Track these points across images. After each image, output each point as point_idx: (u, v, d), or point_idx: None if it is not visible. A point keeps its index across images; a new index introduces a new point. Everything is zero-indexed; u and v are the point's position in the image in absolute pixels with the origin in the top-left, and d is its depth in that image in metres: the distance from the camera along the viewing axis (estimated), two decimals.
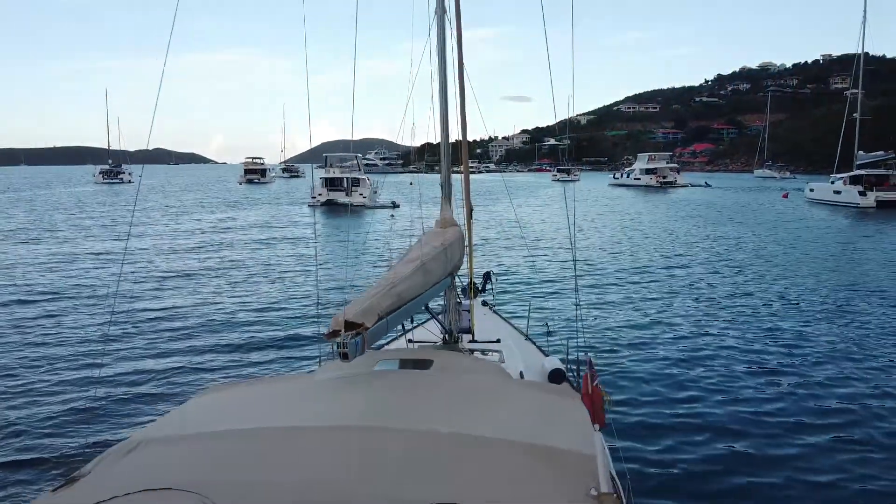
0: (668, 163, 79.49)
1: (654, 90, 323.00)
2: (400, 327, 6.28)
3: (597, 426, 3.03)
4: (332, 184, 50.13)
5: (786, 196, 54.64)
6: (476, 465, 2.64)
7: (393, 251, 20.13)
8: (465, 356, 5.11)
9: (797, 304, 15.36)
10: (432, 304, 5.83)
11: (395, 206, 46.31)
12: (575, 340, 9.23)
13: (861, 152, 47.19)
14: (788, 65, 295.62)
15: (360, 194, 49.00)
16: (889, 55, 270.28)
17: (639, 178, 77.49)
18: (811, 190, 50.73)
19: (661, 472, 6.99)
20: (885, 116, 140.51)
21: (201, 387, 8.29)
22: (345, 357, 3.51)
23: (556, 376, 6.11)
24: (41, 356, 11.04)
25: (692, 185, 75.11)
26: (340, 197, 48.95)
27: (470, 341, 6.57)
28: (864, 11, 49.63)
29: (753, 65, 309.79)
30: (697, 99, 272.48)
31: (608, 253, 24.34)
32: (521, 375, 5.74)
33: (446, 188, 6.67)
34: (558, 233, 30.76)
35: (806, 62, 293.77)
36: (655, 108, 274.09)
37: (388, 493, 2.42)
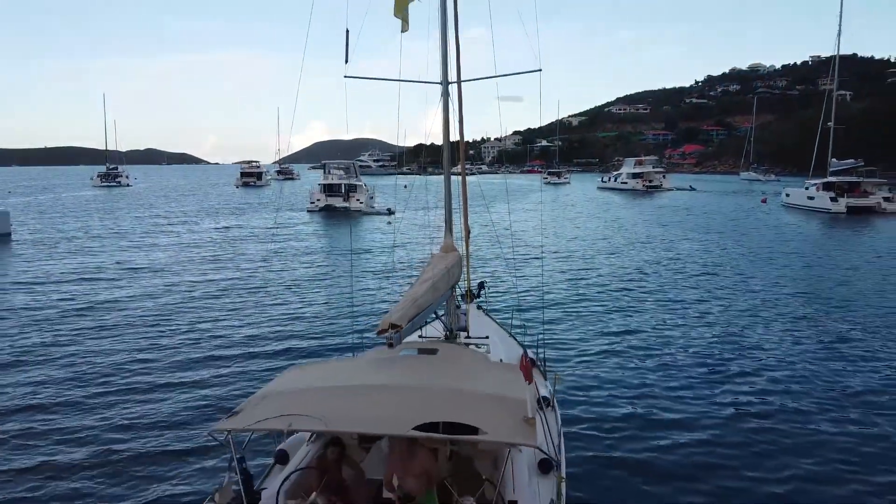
0: (654, 167, 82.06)
1: (645, 91, 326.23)
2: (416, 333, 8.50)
3: (527, 382, 5.28)
4: (330, 190, 52.24)
5: (764, 201, 57.13)
6: (463, 404, 4.86)
7: (412, 265, 22.49)
8: (461, 347, 7.33)
9: (754, 308, 17.63)
10: (440, 314, 8.10)
11: (390, 212, 48.47)
12: (543, 336, 11.47)
13: (834, 160, 49.73)
14: (778, 66, 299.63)
15: (358, 200, 51.15)
16: (878, 56, 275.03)
17: (626, 182, 79.98)
18: (787, 195, 53.22)
19: (601, 438, 9.22)
20: (871, 118, 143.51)
21: (288, 365, 10.77)
22: (391, 346, 5.75)
23: (535, 367, 8.32)
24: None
25: (677, 189, 77.73)
26: (338, 202, 51.12)
27: (466, 337, 8.76)
28: (839, 25, 52.23)
29: (743, 66, 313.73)
30: (687, 100, 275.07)
31: (586, 259, 26.62)
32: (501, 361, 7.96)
33: (448, 223, 8.89)
34: (545, 241, 33.04)
35: (795, 63, 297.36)
36: (646, 109, 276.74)
37: (415, 416, 4.62)
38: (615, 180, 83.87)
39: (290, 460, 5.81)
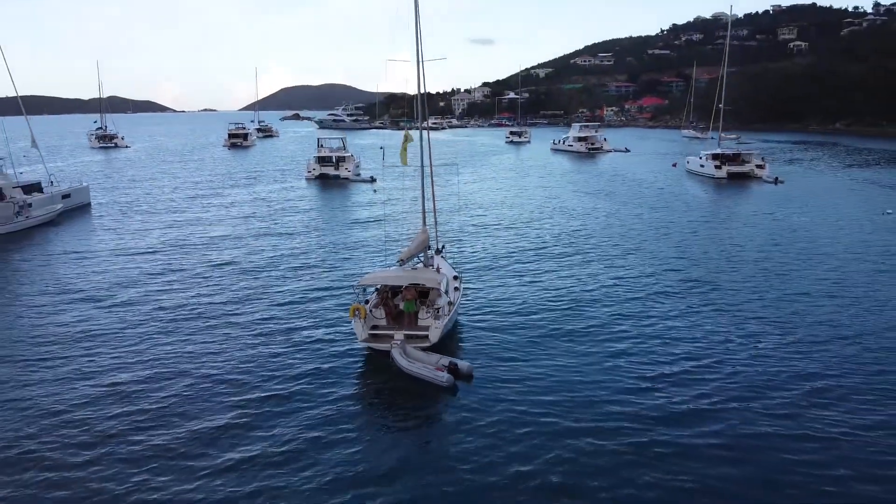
0: (596, 131, 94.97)
1: (612, 39, 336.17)
2: (412, 262, 21.31)
3: (440, 274, 18.59)
4: (323, 161, 64.25)
5: (675, 165, 70.27)
6: (422, 278, 18.18)
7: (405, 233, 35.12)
8: (428, 268, 20.41)
9: (628, 250, 30.70)
10: (421, 257, 21.09)
11: (373, 180, 60.59)
12: (463, 268, 24.37)
13: (722, 134, 63.17)
14: (740, 15, 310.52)
15: (346, 169, 63.21)
16: (836, 5, 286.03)
17: (572, 145, 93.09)
18: (687, 162, 66.44)
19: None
20: (815, 73, 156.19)
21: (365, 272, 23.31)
22: (401, 265, 18.96)
23: (455, 277, 21.36)
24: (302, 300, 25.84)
25: (615, 151, 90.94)
26: (330, 171, 63.11)
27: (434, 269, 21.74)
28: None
29: (707, 14, 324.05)
30: (650, 51, 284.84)
31: (513, 227, 39.51)
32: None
33: (423, 216, 21.60)
34: (488, 209, 45.88)
35: (757, 12, 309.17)
36: (610, 61, 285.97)
37: (410, 279, 17.95)
38: (564, 143, 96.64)
39: (369, 300, 18.77)
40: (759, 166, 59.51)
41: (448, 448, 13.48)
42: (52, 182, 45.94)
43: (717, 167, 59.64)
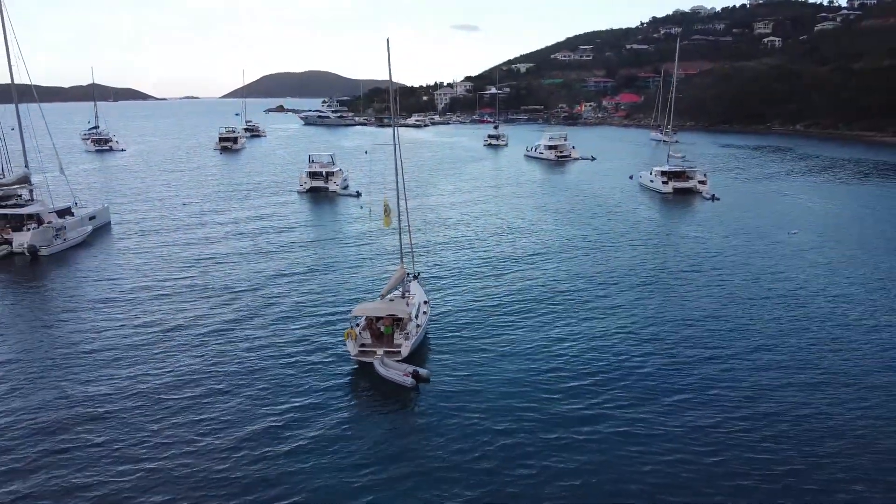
0: (565, 139, 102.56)
1: (593, 31, 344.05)
2: (392, 293, 28.57)
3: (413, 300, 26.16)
4: (314, 175, 71.27)
5: (631, 178, 77.75)
6: (397, 309, 25.69)
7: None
8: (403, 299, 27.87)
9: (565, 255, 37.97)
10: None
11: (358, 195, 67.41)
12: (431, 291, 31.58)
13: (670, 154, 71.04)
14: (718, 8, 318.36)
15: (335, 183, 70.29)
16: (811, 0, 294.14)
17: (542, 153, 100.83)
18: (640, 177, 74.06)
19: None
20: (781, 74, 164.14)
21: (357, 301, 30.55)
22: (382, 299, 26.44)
23: (425, 302, 28.77)
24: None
25: (582, 159, 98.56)
26: (321, 185, 70.11)
27: (408, 293, 28.99)
28: None
29: (687, 7, 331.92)
30: (629, 46, 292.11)
31: (477, 250, 46.68)
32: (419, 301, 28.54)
33: (401, 254, 28.81)
34: (460, 236, 53.04)
35: (734, 6, 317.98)
36: (589, 56, 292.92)
37: (388, 310, 25.51)
38: (536, 150, 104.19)
39: (359, 324, 26.10)
40: (701, 182, 67.26)
41: (409, 427, 20.85)
42: (76, 203, 52.21)
43: (664, 182, 67.37)
